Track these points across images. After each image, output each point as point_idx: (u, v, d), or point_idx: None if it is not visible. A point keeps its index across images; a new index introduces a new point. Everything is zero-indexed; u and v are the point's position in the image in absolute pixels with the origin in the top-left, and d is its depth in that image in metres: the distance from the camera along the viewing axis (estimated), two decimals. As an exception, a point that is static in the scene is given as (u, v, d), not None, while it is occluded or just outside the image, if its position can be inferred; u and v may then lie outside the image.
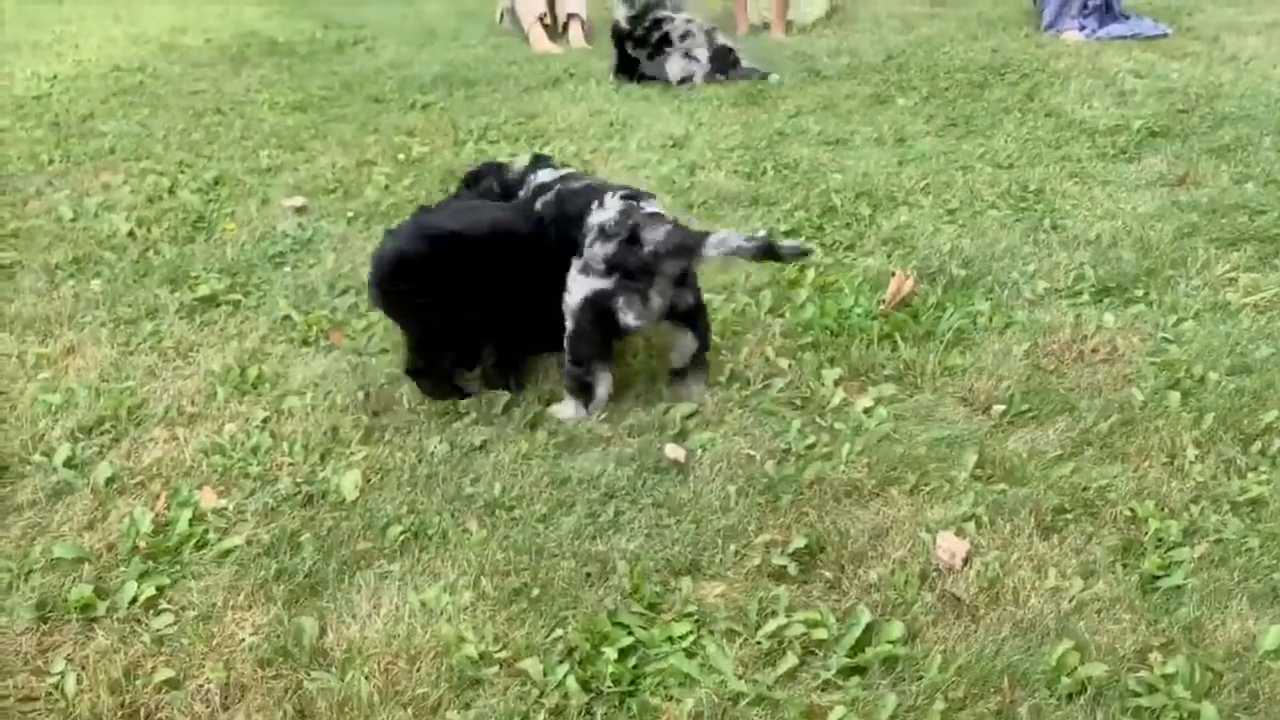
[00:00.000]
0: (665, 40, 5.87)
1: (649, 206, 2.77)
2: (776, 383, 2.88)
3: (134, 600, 2.15)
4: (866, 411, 2.75)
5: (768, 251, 2.65)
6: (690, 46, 5.85)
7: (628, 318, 2.68)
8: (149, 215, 4.11)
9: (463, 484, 2.50)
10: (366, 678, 1.95)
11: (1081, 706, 1.89)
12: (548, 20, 6.93)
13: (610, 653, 2.00)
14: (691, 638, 2.05)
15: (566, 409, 2.78)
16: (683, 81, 5.86)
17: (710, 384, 2.89)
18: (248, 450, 2.63)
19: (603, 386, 2.77)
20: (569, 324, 2.73)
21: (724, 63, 5.88)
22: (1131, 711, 1.89)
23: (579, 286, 2.70)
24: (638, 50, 5.96)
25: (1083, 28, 6.66)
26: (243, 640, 2.05)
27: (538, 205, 2.88)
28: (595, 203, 2.74)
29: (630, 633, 2.06)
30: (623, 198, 2.75)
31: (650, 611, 2.12)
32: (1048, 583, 2.16)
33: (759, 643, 2.03)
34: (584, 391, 2.76)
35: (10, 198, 4.30)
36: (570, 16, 6.92)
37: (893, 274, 3.40)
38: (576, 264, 2.71)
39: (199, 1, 8.24)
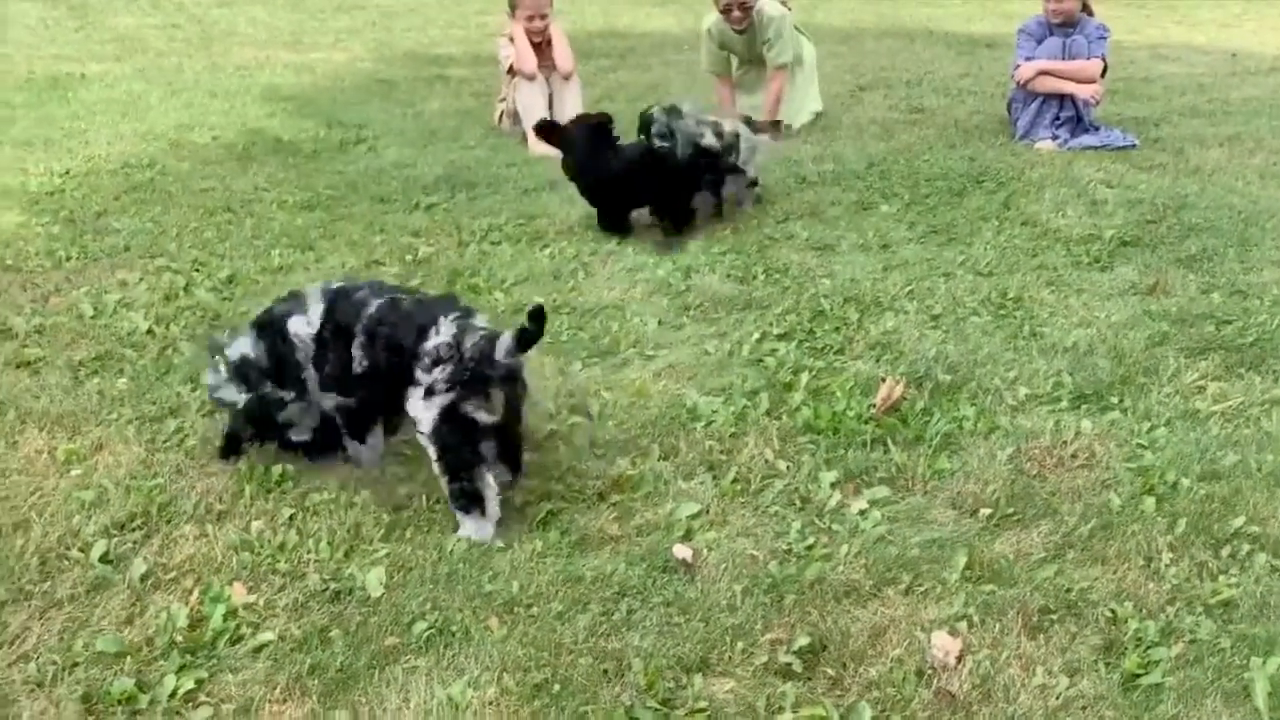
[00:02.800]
0: None
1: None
2: (776, 484, 3.05)
3: (174, 694, 2.26)
4: (862, 513, 2.91)
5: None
6: None
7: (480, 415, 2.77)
8: (167, 313, 4.26)
9: (482, 581, 2.63)
10: (400, 770, 2.07)
11: (1070, 799, 2.03)
12: (547, 125, 7.24)
13: (629, 747, 2.13)
14: (704, 733, 2.18)
15: (469, 528, 2.82)
16: None
17: (716, 482, 3.07)
18: (275, 547, 2.76)
19: (490, 495, 2.80)
20: (434, 448, 2.81)
21: None
22: (1117, 804, 2.03)
23: (430, 411, 2.77)
24: None
25: (1055, 137, 6.99)
26: (280, 733, 2.17)
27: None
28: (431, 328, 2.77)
29: (646, 728, 2.19)
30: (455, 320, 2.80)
31: (664, 707, 2.25)
32: (1035, 680, 2.31)
33: (768, 737, 2.17)
34: (476, 502, 2.80)
35: (31, 294, 4.46)
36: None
37: (883, 379, 3.60)
38: (417, 392, 2.77)
39: (204, 99, 8.49)
